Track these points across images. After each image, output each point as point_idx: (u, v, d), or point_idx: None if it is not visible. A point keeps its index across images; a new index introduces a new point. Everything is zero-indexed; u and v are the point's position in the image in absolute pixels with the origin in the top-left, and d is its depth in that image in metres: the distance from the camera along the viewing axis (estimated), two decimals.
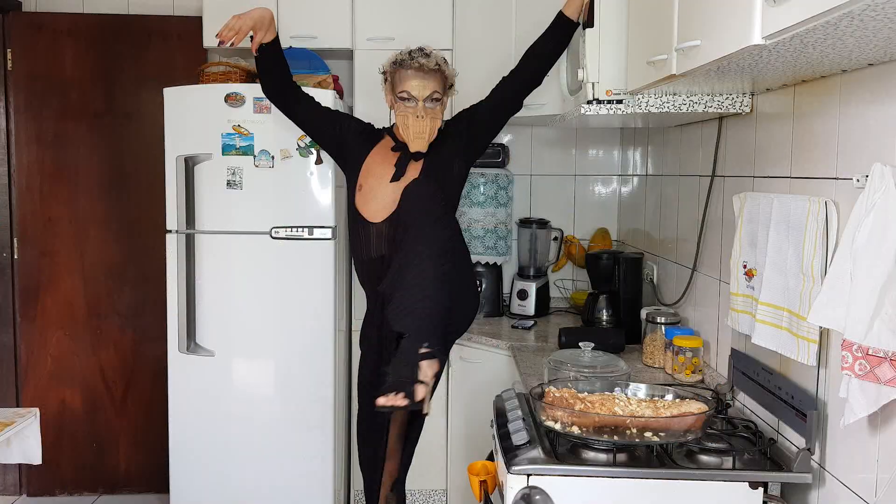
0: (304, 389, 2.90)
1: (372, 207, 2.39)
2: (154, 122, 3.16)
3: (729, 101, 1.95)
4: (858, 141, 1.42)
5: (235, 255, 2.88)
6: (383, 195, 2.37)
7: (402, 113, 2.32)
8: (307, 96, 2.53)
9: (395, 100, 2.34)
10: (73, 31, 3.41)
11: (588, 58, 2.07)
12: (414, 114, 2.29)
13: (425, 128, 2.31)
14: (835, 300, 1.32)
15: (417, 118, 2.29)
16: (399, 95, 2.31)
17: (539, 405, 1.67)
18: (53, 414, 3.48)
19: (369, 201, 2.40)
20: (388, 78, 2.38)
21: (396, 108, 2.35)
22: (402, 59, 2.31)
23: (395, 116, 2.37)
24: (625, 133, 3.45)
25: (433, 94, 2.31)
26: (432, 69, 2.29)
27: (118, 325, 3.51)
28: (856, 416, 1.30)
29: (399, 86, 2.31)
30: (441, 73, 2.32)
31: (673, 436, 1.57)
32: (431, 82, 2.30)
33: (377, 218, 2.37)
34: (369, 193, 2.40)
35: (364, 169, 2.43)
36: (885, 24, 1.02)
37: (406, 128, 2.32)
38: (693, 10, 1.47)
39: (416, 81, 2.29)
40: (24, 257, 3.46)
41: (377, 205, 2.38)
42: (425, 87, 2.29)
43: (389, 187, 2.37)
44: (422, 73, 2.29)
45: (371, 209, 2.39)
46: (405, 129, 2.32)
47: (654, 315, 2.36)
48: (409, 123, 2.31)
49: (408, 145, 2.35)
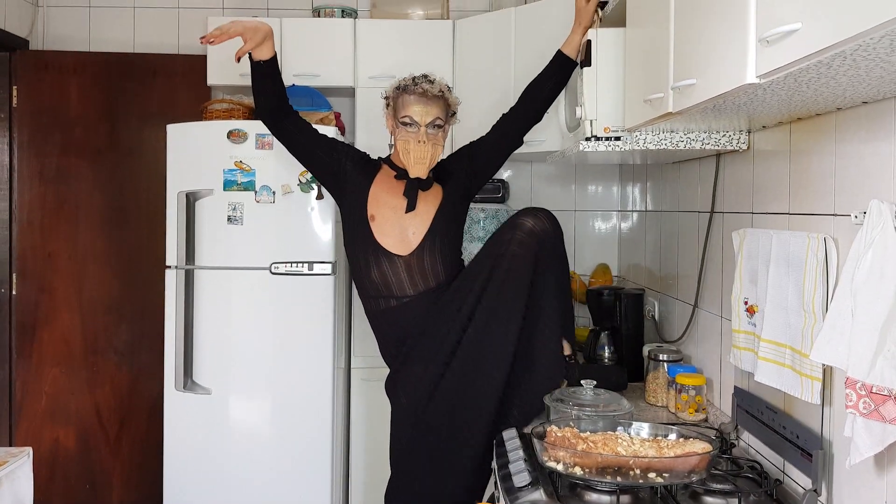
0: (302, 428, 2.87)
1: (393, 239, 2.28)
2: (156, 158, 3.18)
3: (726, 138, 1.96)
4: (855, 178, 1.42)
5: (234, 290, 2.87)
6: (402, 227, 2.29)
7: (404, 138, 2.26)
8: (304, 121, 2.41)
9: (397, 125, 2.30)
10: (78, 69, 3.46)
11: (586, 95, 2.08)
12: (416, 139, 2.25)
13: (426, 153, 2.26)
14: (836, 337, 1.30)
15: (419, 143, 2.24)
16: (401, 120, 2.27)
17: (541, 445, 1.64)
18: (47, 453, 3.43)
19: (388, 233, 2.28)
20: (390, 103, 2.33)
21: (397, 134, 2.30)
22: (406, 84, 2.28)
23: (395, 142, 2.32)
24: (623, 169, 3.46)
25: (435, 119, 2.27)
26: (435, 95, 2.27)
27: (115, 362, 3.48)
28: (862, 455, 1.27)
29: (401, 111, 2.27)
30: (444, 99, 2.30)
31: (677, 477, 1.55)
32: (434, 108, 2.27)
33: (404, 250, 2.27)
34: (385, 224, 2.29)
35: (372, 198, 2.32)
36: (877, 64, 1.02)
37: (407, 153, 2.26)
38: (688, 49, 1.49)
39: (418, 107, 2.25)
40: (23, 293, 3.45)
41: (399, 236, 2.28)
42: (428, 113, 2.26)
43: (406, 218, 2.29)
44: (425, 98, 2.26)
45: (393, 241, 2.28)
46: (405, 155, 2.26)
47: (657, 352, 2.34)
48: (410, 148, 2.25)
49: (408, 171, 2.29)
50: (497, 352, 2.12)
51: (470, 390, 2.14)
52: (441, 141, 2.32)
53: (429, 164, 2.28)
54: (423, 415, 2.18)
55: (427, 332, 2.20)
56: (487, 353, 2.13)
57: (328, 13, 3.36)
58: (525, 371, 2.14)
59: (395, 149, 2.33)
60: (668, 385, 2.24)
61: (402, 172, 2.32)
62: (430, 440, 2.18)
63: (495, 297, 2.12)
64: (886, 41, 0.89)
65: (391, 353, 2.31)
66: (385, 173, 2.38)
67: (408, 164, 2.27)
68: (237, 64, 2.33)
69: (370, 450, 3.23)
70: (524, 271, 2.13)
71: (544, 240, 2.15)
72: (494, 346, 2.12)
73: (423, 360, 2.19)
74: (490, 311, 2.12)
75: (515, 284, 2.13)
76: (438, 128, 2.29)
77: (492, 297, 2.13)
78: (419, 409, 2.19)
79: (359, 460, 3.24)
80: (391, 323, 2.28)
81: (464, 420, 2.13)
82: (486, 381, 2.12)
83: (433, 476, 2.18)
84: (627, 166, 3.38)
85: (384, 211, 2.30)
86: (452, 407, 2.15)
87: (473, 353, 2.13)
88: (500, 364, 2.12)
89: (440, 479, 2.17)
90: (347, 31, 3.25)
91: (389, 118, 2.35)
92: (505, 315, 2.12)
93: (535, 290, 2.15)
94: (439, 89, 2.28)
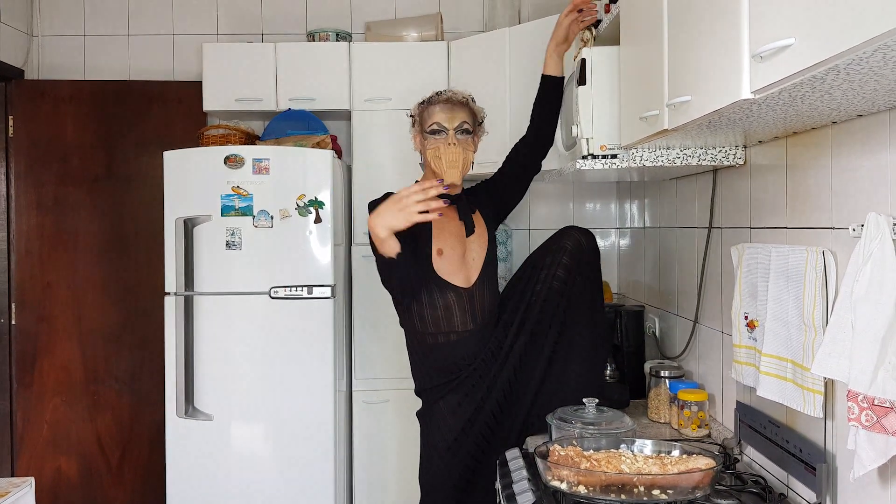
0: (305, 452, 2.85)
1: (454, 270, 2.19)
2: (154, 185, 3.19)
3: (722, 153, 1.97)
4: (852, 191, 1.43)
5: (234, 315, 2.87)
6: (463, 255, 2.22)
7: (433, 146, 2.18)
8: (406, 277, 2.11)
9: (425, 137, 2.22)
10: (74, 98, 3.47)
11: (581, 114, 2.10)
12: (445, 142, 2.17)
13: (458, 156, 2.18)
14: (837, 350, 1.31)
15: (449, 145, 2.17)
16: (429, 129, 2.20)
17: (544, 465, 1.63)
18: (49, 482, 3.41)
19: (455, 265, 2.20)
20: (416, 120, 2.27)
21: (427, 146, 2.21)
22: (430, 97, 2.25)
23: (427, 156, 2.22)
24: (621, 186, 3.47)
25: (462, 124, 2.20)
26: (460, 101, 2.23)
27: (115, 389, 3.47)
28: (865, 468, 1.27)
29: (428, 121, 2.21)
30: (469, 107, 2.25)
31: (681, 493, 1.54)
32: (460, 113, 2.21)
33: (465, 283, 2.20)
34: (452, 255, 2.19)
35: (436, 232, 2.20)
36: (870, 78, 1.03)
37: (438, 159, 2.18)
38: (683, 66, 1.50)
39: (444, 113, 2.20)
40: (22, 323, 3.44)
41: (460, 266, 2.21)
42: (454, 118, 2.20)
43: (468, 242, 2.24)
44: (450, 104, 2.21)
45: (461, 274, 2.20)
46: (437, 161, 2.18)
47: (658, 369, 2.33)
48: (440, 153, 2.17)
49: (443, 177, 2.18)
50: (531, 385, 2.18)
51: (506, 421, 2.18)
52: (472, 147, 2.25)
53: (462, 169, 2.20)
54: (456, 443, 2.19)
55: (475, 365, 2.21)
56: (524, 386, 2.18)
57: (323, 37, 3.39)
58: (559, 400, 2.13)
59: (427, 163, 2.25)
60: (670, 401, 2.23)
61: (450, 197, 2.24)
62: (461, 468, 2.19)
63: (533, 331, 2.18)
64: (879, 55, 0.90)
65: (433, 383, 2.25)
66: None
67: (440, 171, 2.20)
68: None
69: (373, 472, 3.21)
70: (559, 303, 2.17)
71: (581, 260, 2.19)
72: (530, 380, 2.18)
73: (465, 391, 2.20)
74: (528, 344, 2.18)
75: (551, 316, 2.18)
76: (467, 133, 2.22)
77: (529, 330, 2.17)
78: (453, 437, 2.20)
79: (362, 483, 3.21)
80: (445, 356, 2.22)
81: (495, 450, 2.15)
82: (519, 411, 2.19)
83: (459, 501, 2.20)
84: (625, 183, 3.39)
85: (450, 240, 2.22)
86: (486, 437, 2.18)
87: (511, 385, 2.18)
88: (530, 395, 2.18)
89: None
90: (342, 55, 3.28)
91: (417, 136, 2.27)
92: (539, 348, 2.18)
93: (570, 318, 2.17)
94: (463, 96, 2.25)
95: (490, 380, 2.19)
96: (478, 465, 2.17)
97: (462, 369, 2.20)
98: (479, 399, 2.19)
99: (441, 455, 2.21)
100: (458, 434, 2.19)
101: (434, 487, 2.25)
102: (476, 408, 2.19)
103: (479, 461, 2.16)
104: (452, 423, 2.20)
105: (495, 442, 2.15)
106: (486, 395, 2.19)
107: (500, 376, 2.19)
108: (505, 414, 2.19)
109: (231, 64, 3.24)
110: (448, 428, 2.20)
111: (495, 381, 2.18)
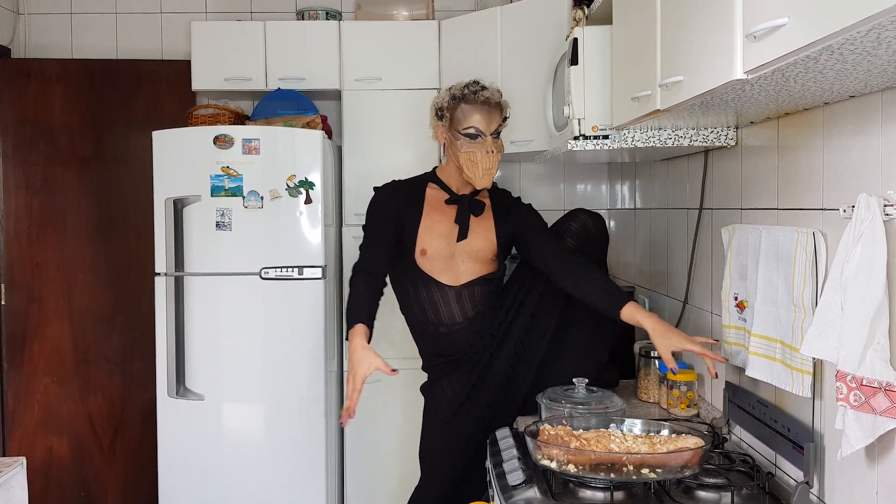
0: (295, 431, 2.86)
1: (449, 272, 2.21)
2: (143, 165, 3.16)
3: (714, 134, 1.97)
4: (843, 171, 1.43)
5: (224, 296, 2.86)
6: (453, 257, 2.22)
7: (469, 149, 2.15)
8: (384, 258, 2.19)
9: (456, 136, 2.17)
10: (61, 77, 3.43)
11: (573, 94, 2.09)
12: (483, 149, 2.14)
13: (494, 164, 2.16)
14: (826, 331, 1.31)
15: (488, 153, 2.15)
16: (464, 132, 2.15)
17: (534, 444, 1.64)
18: (40, 462, 3.41)
19: (438, 265, 2.21)
20: (444, 114, 2.20)
21: (460, 147, 2.17)
22: (464, 93, 2.17)
23: (456, 154, 2.19)
24: (612, 167, 3.47)
25: (498, 127, 2.19)
26: (497, 103, 2.19)
27: (106, 370, 3.46)
28: (853, 447, 1.28)
29: (464, 122, 2.16)
30: (501, 106, 2.22)
31: (670, 472, 1.55)
32: (496, 115, 2.18)
33: (454, 281, 2.21)
34: (436, 256, 2.19)
35: (423, 232, 2.20)
36: (864, 58, 1.03)
37: (474, 164, 2.15)
38: (675, 46, 1.49)
39: (481, 116, 2.15)
40: (12, 303, 3.42)
41: (448, 266, 2.22)
42: (492, 122, 2.17)
43: (458, 247, 2.21)
44: (487, 106, 2.17)
45: (448, 274, 2.21)
46: (472, 167, 2.15)
47: (648, 349, 2.35)
48: (477, 160, 2.14)
49: (472, 180, 2.18)
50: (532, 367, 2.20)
51: (507, 402, 2.21)
52: (502, 148, 2.24)
53: (493, 174, 2.20)
54: (455, 418, 2.22)
55: (476, 348, 2.22)
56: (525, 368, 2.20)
57: (312, 15, 3.35)
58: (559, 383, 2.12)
59: (455, 161, 2.21)
60: (659, 381, 2.25)
61: (454, 197, 2.23)
62: (461, 447, 2.22)
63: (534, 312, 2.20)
64: (874, 35, 0.90)
65: (435, 363, 2.28)
66: (433, 197, 2.26)
67: (474, 177, 2.17)
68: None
69: (364, 452, 3.22)
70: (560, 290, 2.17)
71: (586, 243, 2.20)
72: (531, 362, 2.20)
73: (467, 370, 2.22)
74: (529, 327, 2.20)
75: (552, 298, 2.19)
76: (499, 135, 2.22)
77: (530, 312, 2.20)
78: (451, 412, 2.23)
79: (354, 463, 3.23)
80: (442, 343, 2.24)
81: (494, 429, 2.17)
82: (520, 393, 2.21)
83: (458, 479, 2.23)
84: (616, 164, 3.39)
85: (436, 242, 2.20)
86: (487, 418, 2.20)
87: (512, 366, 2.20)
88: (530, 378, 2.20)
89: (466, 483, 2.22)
90: (332, 34, 3.25)
91: (443, 130, 2.22)
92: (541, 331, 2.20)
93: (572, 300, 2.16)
94: (498, 97, 2.20)
95: (491, 360, 2.20)
96: (479, 447, 2.18)
97: (462, 354, 2.22)
98: (479, 378, 2.21)
99: (440, 430, 2.24)
100: (457, 409, 2.22)
101: (433, 465, 2.28)
102: (475, 386, 2.21)
103: (480, 442, 2.17)
104: (452, 399, 2.23)
105: (496, 423, 2.17)
106: (486, 374, 2.21)
107: (501, 358, 2.20)
108: (506, 394, 2.22)
109: (220, 43, 3.20)
110: (448, 403, 2.23)
111: (496, 361, 2.20)
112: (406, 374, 3.19)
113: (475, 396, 2.22)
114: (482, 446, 2.16)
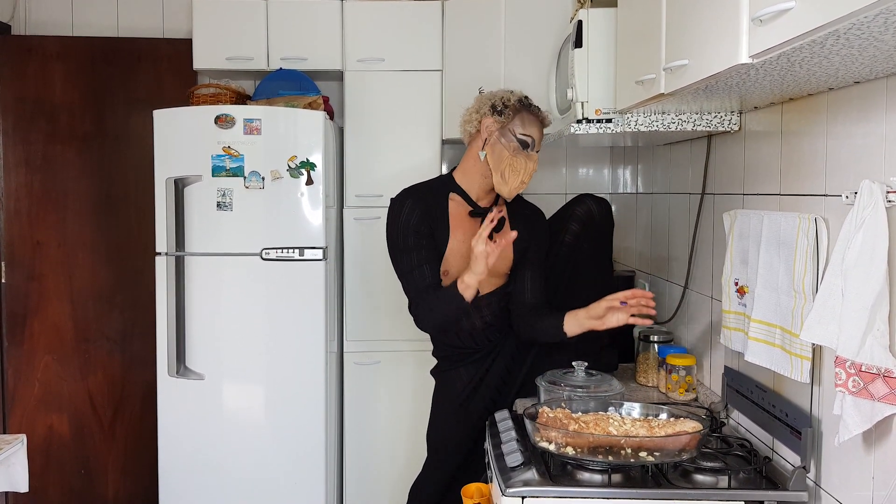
0: (296, 412, 2.87)
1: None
2: (144, 144, 3.15)
3: (717, 119, 1.96)
4: (846, 158, 1.43)
5: (225, 276, 2.86)
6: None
7: (516, 155, 2.11)
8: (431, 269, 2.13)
9: (510, 139, 2.11)
10: (62, 55, 3.41)
11: (577, 77, 2.08)
12: (530, 159, 2.12)
13: (529, 179, 2.15)
14: (826, 317, 1.32)
15: (532, 165, 2.13)
16: (521, 137, 2.11)
17: (533, 426, 1.65)
18: (41, 440, 3.43)
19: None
20: (504, 112, 2.11)
21: (507, 146, 2.11)
22: (530, 104, 2.15)
23: (498, 157, 2.12)
24: (615, 151, 3.46)
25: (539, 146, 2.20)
26: (546, 125, 2.20)
27: (107, 349, 3.47)
28: (850, 433, 1.29)
29: (523, 128, 2.11)
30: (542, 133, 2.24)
31: (668, 455, 1.56)
32: (542, 137, 2.19)
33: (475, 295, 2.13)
34: (456, 276, 2.10)
35: (448, 254, 2.15)
36: (870, 43, 1.02)
37: (515, 171, 2.10)
38: (680, 29, 1.48)
39: (538, 131, 2.15)
40: (12, 281, 3.43)
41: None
42: (540, 140, 2.18)
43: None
44: (542, 126, 2.18)
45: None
46: (513, 175, 2.11)
47: (647, 333, 2.35)
48: (519, 168, 2.10)
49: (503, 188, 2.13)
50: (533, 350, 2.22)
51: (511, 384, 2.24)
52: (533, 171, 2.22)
53: (522, 190, 2.18)
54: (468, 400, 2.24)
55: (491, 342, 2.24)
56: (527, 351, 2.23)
57: None
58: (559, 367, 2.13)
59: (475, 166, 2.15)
60: (658, 366, 2.26)
61: (478, 209, 2.19)
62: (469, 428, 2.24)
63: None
64: (881, 19, 0.89)
65: (446, 353, 2.28)
66: (457, 212, 2.19)
67: (508, 186, 2.12)
68: None
69: (364, 432, 3.24)
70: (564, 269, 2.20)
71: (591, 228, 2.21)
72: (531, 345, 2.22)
73: (479, 359, 2.24)
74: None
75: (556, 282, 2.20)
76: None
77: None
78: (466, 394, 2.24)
79: (353, 443, 3.25)
80: (455, 342, 2.24)
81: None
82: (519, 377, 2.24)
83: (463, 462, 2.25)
84: (618, 148, 3.38)
85: (459, 264, 2.15)
86: (494, 399, 2.22)
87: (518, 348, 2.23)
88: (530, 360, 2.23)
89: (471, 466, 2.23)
90: (335, 13, 3.22)
91: (495, 125, 2.12)
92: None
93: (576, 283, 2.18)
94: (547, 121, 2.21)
95: (500, 344, 2.24)
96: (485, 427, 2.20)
97: (479, 347, 2.24)
98: (489, 362, 2.24)
99: (455, 412, 2.26)
100: (470, 392, 2.24)
101: (443, 445, 2.31)
102: (486, 369, 2.24)
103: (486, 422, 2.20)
104: (467, 381, 2.25)
105: (501, 404, 2.19)
106: (495, 357, 2.23)
107: (508, 341, 2.23)
108: (512, 375, 2.24)
109: (221, 21, 3.18)
110: (463, 385, 2.25)
111: (504, 344, 2.23)
112: (406, 357, 3.21)
113: (485, 378, 2.24)
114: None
